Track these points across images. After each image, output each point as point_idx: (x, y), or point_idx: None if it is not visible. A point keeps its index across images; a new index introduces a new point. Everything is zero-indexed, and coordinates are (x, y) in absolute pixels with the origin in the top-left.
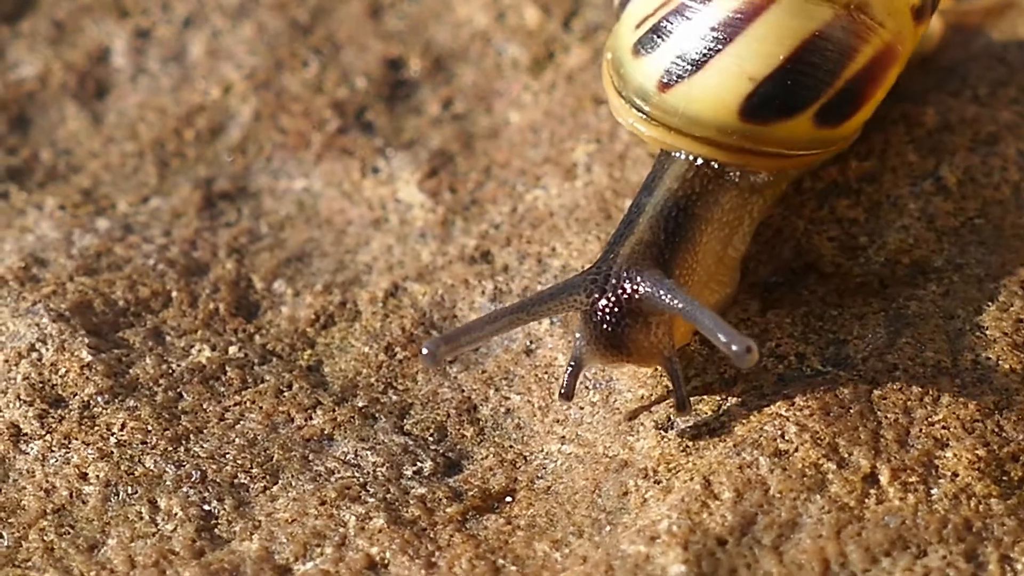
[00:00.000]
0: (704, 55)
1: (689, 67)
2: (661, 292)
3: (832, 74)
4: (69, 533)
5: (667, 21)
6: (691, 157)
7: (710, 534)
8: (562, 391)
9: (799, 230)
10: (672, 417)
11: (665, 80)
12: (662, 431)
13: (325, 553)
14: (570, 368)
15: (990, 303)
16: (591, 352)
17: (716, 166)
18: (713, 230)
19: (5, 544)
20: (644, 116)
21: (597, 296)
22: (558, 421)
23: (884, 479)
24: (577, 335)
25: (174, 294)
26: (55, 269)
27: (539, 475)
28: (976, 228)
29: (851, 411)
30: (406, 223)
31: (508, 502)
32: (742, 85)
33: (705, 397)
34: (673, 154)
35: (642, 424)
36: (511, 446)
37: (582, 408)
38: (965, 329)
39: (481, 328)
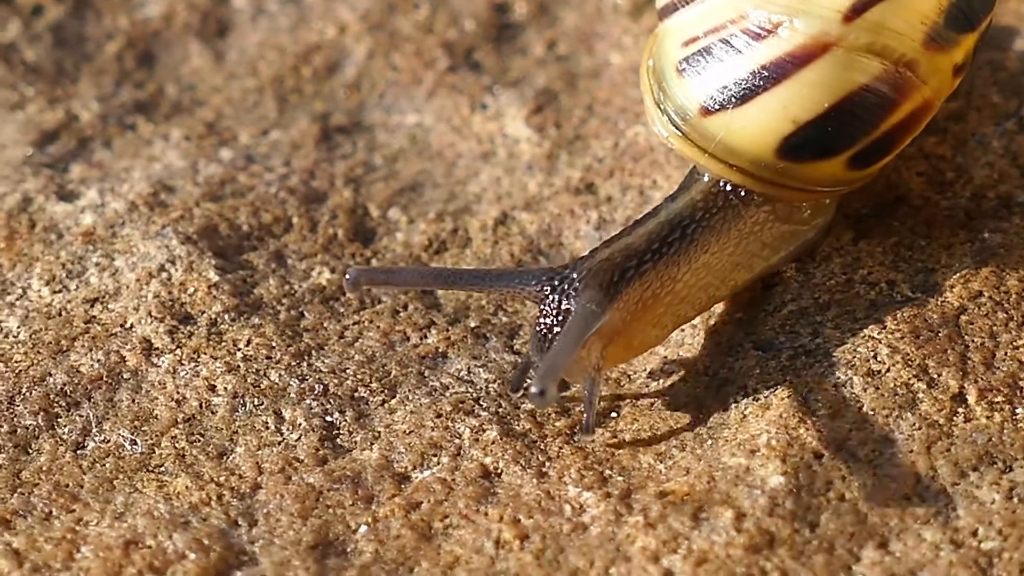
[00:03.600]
0: (751, 91)
1: (734, 99)
2: (572, 321)
3: (872, 125)
4: (199, 441)
5: (717, 48)
6: (720, 180)
7: (807, 448)
8: (510, 382)
9: (890, 165)
10: (771, 339)
11: (707, 106)
12: (760, 351)
13: (442, 462)
14: (522, 363)
15: None
16: (534, 350)
17: (743, 193)
18: (729, 240)
19: (139, 450)
20: (680, 134)
21: (548, 291)
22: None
23: (971, 398)
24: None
25: (295, 220)
26: (182, 195)
27: (642, 392)
28: None
29: (940, 335)
30: (513, 156)
31: (613, 417)
32: (784, 126)
33: (802, 320)
34: (702, 173)
35: (740, 345)
36: (616, 365)
37: (683, 330)
38: None
39: (407, 277)
